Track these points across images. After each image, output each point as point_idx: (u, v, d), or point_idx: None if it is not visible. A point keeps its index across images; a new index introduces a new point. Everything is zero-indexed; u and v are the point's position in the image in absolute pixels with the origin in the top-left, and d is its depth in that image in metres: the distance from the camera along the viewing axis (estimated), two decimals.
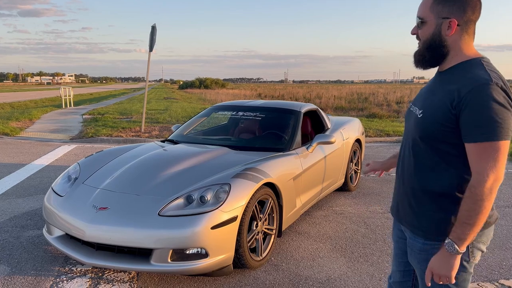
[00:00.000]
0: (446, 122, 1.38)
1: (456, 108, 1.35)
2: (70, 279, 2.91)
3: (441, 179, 1.46)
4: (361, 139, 5.58)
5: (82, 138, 9.63)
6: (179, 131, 4.62)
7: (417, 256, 1.55)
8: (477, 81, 1.32)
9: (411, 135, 1.55)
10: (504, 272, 3.12)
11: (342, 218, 4.32)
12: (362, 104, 21.47)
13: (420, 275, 1.57)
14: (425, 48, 1.47)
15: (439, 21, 1.43)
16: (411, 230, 1.57)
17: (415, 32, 1.51)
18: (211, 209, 2.74)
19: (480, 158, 1.32)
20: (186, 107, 19.44)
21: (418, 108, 1.53)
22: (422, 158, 1.50)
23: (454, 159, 1.43)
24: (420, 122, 1.47)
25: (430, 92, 1.51)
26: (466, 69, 1.40)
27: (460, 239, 1.35)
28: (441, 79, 1.49)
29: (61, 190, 3.26)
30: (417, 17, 1.49)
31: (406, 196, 1.58)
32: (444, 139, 1.41)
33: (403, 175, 1.60)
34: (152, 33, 10.28)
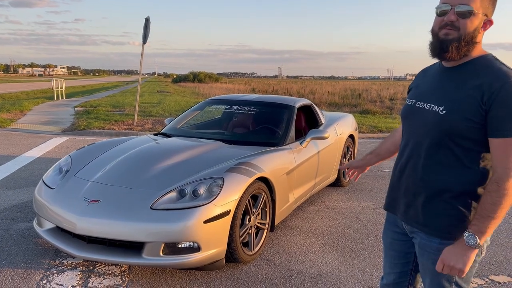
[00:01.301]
0: (474, 117, 1.36)
1: (486, 104, 1.34)
2: (61, 272, 2.89)
3: (461, 177, 1.43)
4: (354, 135, 5.59)
5: (74, 131, 9.55)
6: (172, 125, 4.59)
7: (432, 256, 1.51)
8: (506, 75, 1.33)
9: (426, 134, 1.48)
10: (494, 268, 3.15)
11: (335, 213, 4.33)
12: (356, 100, 21.50)
13: (431, 275, 1.54)
14: (465, 41, 1.39)
15: (483, 17, 1.40)
16: (425, 231, 1.53)
17: (453, 19, 1.39)
18: (204, 203, 2.72)
19: (508, 153, 1.32)
20: (180, 100, 19.35)
21: (436, 105, 1.46)
22: (442, 157, 1.45)
23: (475, 156, 1.41)
24: (444, 119, 1.42)
25: (449, 87, 1.45)
26: (485, 64, 1.41)
27: (481, 232, 1.35)
28: (458, 74, 1.45)
29: (52, 183, 3.23)
30: (465, 5, 1.37)
31: (419, 196, 1.52)
32: (468, 135, 1.39)
33: (414, 175, 1.54)
34: (145, 25, 10.18)
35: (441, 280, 1.51)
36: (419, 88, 1.61)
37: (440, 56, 1.46)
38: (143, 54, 10.71)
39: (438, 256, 1.48)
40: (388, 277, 1.80)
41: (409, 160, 1.57)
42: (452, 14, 1.40)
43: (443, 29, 1.42)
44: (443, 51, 1.42)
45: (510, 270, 3.11)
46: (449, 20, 1.40)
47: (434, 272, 1.51)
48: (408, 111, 1.61)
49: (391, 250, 1.75)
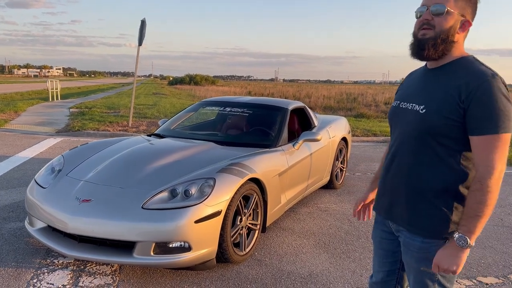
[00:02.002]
0: (453, 116, 1.39)
1: (464, 102, 1.37)
2: (52, 272, 2.89)
3: (443, 176, 1.46)
4: (347, 138, 5.63)
5: (68, 132, 9.53)
6: (166, 126, 4.60)
7: (415, 255, 1.54)
8: (485, 75, 1.36)
9: (409, 133, 1.52)
10: (482, 269, 3.18)
11: (327, 215, 4.36)
12: (351, 104, 21.62)
13: (415, 273, 1.56)
14: (441, 39, 1.44)
15: (459, 17, 1.44)
16: (408, 229, 1.55)
17: (429, 18, 1.45)
18: (195, 203, 2.74)
19: (488, 151, 1.35)
20: (175, 102, 19.35)
21: (417, 104, 1.50)
22: (423, 155, 1.48)
23: (457, 155, 1.44)
24: (424, 118, 1.45)
25: (429, 88, 1.50)
26: (465, 65, 1.44)
27: (471, 232, 1.37)
28: (438, 74, 1.49)
29: (44, 182, 3.23)
30: (440, 5, 1.43)
31: (403, 195, 1.55)
32: (449, 134, 1.42)
33: (399, 174, 1.57)
34: (141, 27, 10.20)
35: (423, 278, 1.54)
36: (404, 90, 1.66)
37: (418, 55, 1.50)
38: (138, 55, 10.72)
39: (421, 254, 1.50)
40: (377, 275, 1.82)
41: (394, 160, 1.61)
42: (427, 14, 1.45)
43: (421, 30, 1.47)
44: (421, 49, 1.47)
45: (497, 272, 3.14)
46: (425, 19, 1.46)
47: (417, 270, 1.54)
48: (393, 112, 1.65)
49: (380, 249, 1.77)
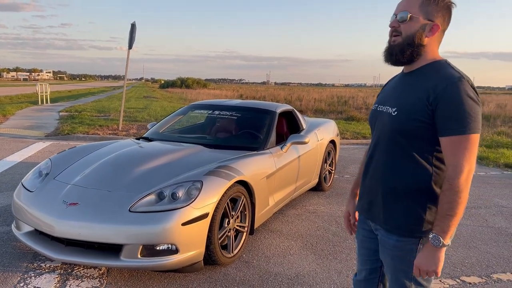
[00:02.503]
0: (422, 117, 1.44)
1: (432, 104, 1.42)
2: (38, 275, 2.89)
3: (418, 175, 1.50)
4: (335, 140, 5.68)
5: (57, 135, 9.48)
6: (155, 129, 4.62)
7: (390, 253, 1.58)
8: (451, 78, 1.41)
9: (384, 134, 1.58)
10: (466, 269, 3.24)
11: (315, 217, 4.40)
12: (342, 107, 21.74)
13: (392, 271, 1.61)
14: (407, 43, 1.50)
15: (425, 21, 1.49)
16: (384, 228, 1.60)
17: (395, 25, 1.53)
18: (182, 206, 2.76)
19: (456, 151, 1.39)
20: (166, 106, 19.31)
21: (390, 107, 1.56)
22: (397, 156, 1.53)
23: (428, 155, 1.48)
24: (396, 119, 1.51)
25: (402, 91, 1.56)
26: (436, 68, 1.49)
27: (444, 232, 1.40)
28: (411, 78, 1.55)
29: (31, 186, 3.23)
30: (404, 12, 1.50)
31: (379, 194, 1.60)
32: (420, 135, 1.47)
33: (376, 174, 1.62)
34: (131, 31, 10.20)
35: (399, 277, 1.58)
36: (383, 94, 1.73)
37: (389, 60, 1.57)
38: (128, 59, 10.71)
39: (395, 252, 1.55)
40: (360, 273, 1.86)
41: (371, 161, 1.67)
42: (395, 21, 1.53)
43: (392, 36, 1.55)
44: (390, 54, 1.55)
45: (481, 272, 3.20)
46: (392, 26, 1.54)
47: (393, 267, 1.59)
48: (372, 115, 1.71)
49: (362, 248, 1.81)
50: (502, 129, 13.32)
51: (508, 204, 5.17)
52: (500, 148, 9.50)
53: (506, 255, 3.55)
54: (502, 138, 11.17)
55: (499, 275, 3.14)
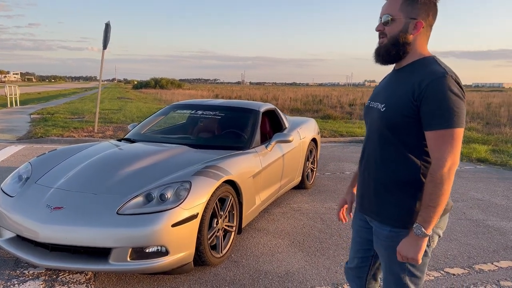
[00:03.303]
0: (408, 113, 1.49)
1: (417, 100, 1.47)
2: (22, 283, 2.79)
3: (407, 168, 1.55)
4: (317, 139, 5.74)
5: (30, 139, 9.18)
6: (136, 130, 4.54)
7: (383, 243, 1.64)
8: (435, 74, 1.46)
9: (375, 129, 1.64)
10: (448, 261, 3.34)
11: (300, 214, 4.43)
12: (317, 106, 21.97)
13: (386, 262, 1.66)
14: (391, 44, 1.56)
15: (407, 20, 1.54)
16: (378, 220, 1.66)
17: (381, 29, 1.60)
18: (171, 207, 2.73)
19: (439, 145, 1.44)
20: (142, 107, 19.03)
21: (379, 103, 1.63)
22: (388, 150, 1.59)
23: (417, 148, 1.53)
24: (384, 115, 1.57)
25: (391, 87, 1.62)
26: (423, 65, 1.54)
27: (426, 222, 1.45)
28: (400, 75, 1.60)
29: (11, 191, 3.12)
30: (386, 15, 1.57)
31: (372, 187, 1.66)
32: (407, 129, 1.52)
33: (368, 168, 1.68)
34: (106, 30, 10.00)
35: (394, 267, 1.63)
36: (375, 90, 1.79)
37: (377, 60, 1.64)
38: (103, 59, 10.50)
39: (388, 242, 1.61)
40: (352, 261, 1.93)
41: (364, 155, 1.74)
42: (380, 25, 1.61)
43: (380, 38, 1.63)
44: (377, 55, 1.62)
45: (463, 263, 3.31)
46: (378, 29, 1.62)
47: (387, 258, 1.65)
48: (365, 111, 1.78)
49: (358, 237, 1.87)
50: (472, 125, 13.78)
51: (483, 197, 5.36)
52: (471, 143, 9.83)
53: (486, 246, 3.68)
54: (473, 134, 11.56)
55: (480, 266, 3.25)
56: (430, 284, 2.93)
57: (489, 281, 2.99)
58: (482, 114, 18.14)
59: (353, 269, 1.92)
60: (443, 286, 2.90)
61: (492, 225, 4.25)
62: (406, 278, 1.62)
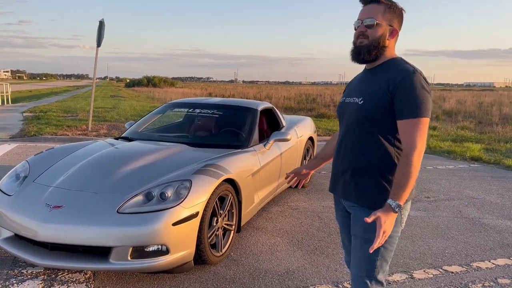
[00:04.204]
0: (384, 104, 1.69)
1: (391, 92, 1.67)
2: (21, 282, 2.77)
3: (382, 155, 1.73)
4: (313, 137, 5.76)
5: (23, 137, 9.09)
6: (134, 128, 4.51)
7: (362, 224, 1.74)
8: (406, 71, 1.67)
9: (353, 121, 1.79)
10: (446, 259, 3.37)
11: (297, 213, 4.44)
12: (311, 105, 22.02)
13: (361, 242, 1.78)
14: (373, 46, 1.73)
15: (387, 27, 1.74)
16: (358, 203, 1.79)
17: (363, 30, 1.74)
18: (172, 206, 2.72)
19: (411, 132, 1.62)
20: (135, 105, 18.93)
21: (356, 97, 1.80)
22: (364, 138, 1.75)
23: (391, 137, 1.72)
24: (362, 107, 1.74)
25: (366, 84, 1.79)
26: (394, 64, 1.75)
27: (401, 199, 1.61)
28: (373, 73, 1.78)
29: (9, 189, 3.08)
30: (371, 18, 1.72)
31: (350, 174, 1.80)
32: (382, 119, 1.70)
33: (348, 157, 1.82)
34: (100, 28, 9.94)
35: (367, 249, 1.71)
36: (348, 88, 1.98)
37: (356, 59, 1.79)
38: (97, 57, 10.42)
39: (367, 224, 1.69)
40: (349, 252, 2.00)
41: (341, 145, 1.87)
42: (362, 27, 1.75)
43: (358, 39, 1.77)
44: (358, 54, 1.77)
45: (461, 261, 3.34)
46: (360, 31, 1.76)
47: (363, 241, 1.76)
48: (340, 107, 1.94)
49: (345, 227, 2.00)
50: (465, 123, 13.91)
51: (478, 195, 5.41)
52: (465, 142, 9.92)
53: (483, 244, 3.72)
54: (466, 133, 11.67)
55: (478, 264, 3.29)
56: (429, 282, 2.95)
57: (486, 279, 3.02)
58: (474, 113, 18.32)
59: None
60: (442, 284, 2.92)
61: (488, 223, 4.29)
62: (378, 262, 1.77)
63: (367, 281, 1.79)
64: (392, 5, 1.74)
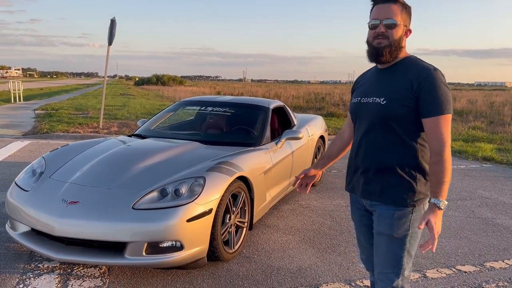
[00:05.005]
0: (408, 103, 1.69)
1: (416, 92, 1.67)
2: (38, 276, 2.82)
3: (405, 153, 1.74)
4: (324, 136, 5.76)
5: (36, 134, 9.20)
6: (146, 126, 4.55)
7: (389, 222, 1.76)
8: (428, 69, 1.69)
9: (374, 121, 1.78)
10: (459, 258, 3.35)
11: (308, 211, 4.45)
12: (320, 104, 21.95)
13: (387, 241, 1.78)
14: (395, 46, 1.73)
15: (404, 27, 1.75)
16: (383, 202, 1.79)
17: (383, 31, 1.72)
18: (186, 202, 2.74)
19: (439, 128, 1.65)
20: (145, 103, 19.05)
21: (377, 97, 1.78)
22: (388, 138, 1.75)
23: (413, 135, 1.73)
24: (385, 107, 1.74)
25: (386, 83, 1.78)
26: (410, 62, 1.76)
27: (442, 195, 1.63)
28: (390, 72, 1.78)
29: (26, 185, 3.13)
30: (391, 19, 1.71)
31: (373, 173, 1.80)
32: (406, 118, 1.71)
33: (367, 155, 1.82)
34: (111, 26, 10.01)
35: (395, 246, 1.76)
36: (362, 88, 1.93)
37: (376, 60, 1.79)
38: (108, 55, 10.50)
39: (394, 221, 1.75)
40: (366, 250, 2.02)
41: (363, 145, 1.85)
42: (381, 27, 1.73)
43: (376, 39, 1.75)
44: (379, 56, 1.75)
45: (474, 260, 3.32)
46: (380, 31, 1.73)
47: (389, 239, 1.77)
48: (356, 107, 1.91)
49: (362, 226, 1.99)
50: (476, 123, 13.77)
51: (491, 195, 5.37)
52: (476, 142, 9.83)
53: (496, 244, 3.69)
54: (477, 133, 11.56)
55: (492, 264, 3.27)
56: (443, 281, 2.94)
57: (500, 279, 3.00)
58: (485, 113, 18.12)
59: (371, 257, 1.98)
60: (456, 283, 2.91)
61: (501, 223, 4.26)
62: (404, 259, 1.78)
63: (394, 278, 1.79)
64: (406, 5, 1.75)
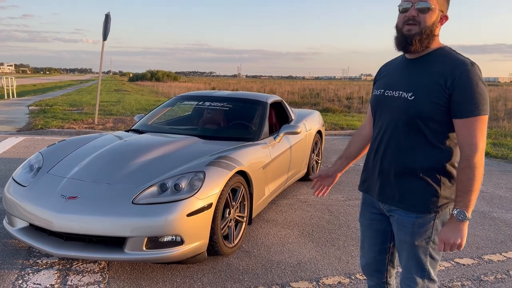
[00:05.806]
0: (439, 101, 1.51)
1: (449, 89, 1.49)
2: (37, 272, 2.80)
3: (431, 155, 1.57)
4: (322, 131, 5.76)
5: (30, 130, 9.12)
6: (144, 121, 4.53)
7: (410, 230, 1.63)
8: (464, 64, 1.49)
9: (397, 118, 1.61)
10: (458, 252, 3.36)
11: (307, 206, 4.45)
12: (315, 99, 21.96)
13: (409, 249, 1.66)
14: (426, 34, 1.54)
15: (439, 13, 1.56)
16: (402, 207, 1.64)
17: (414, 15, 1.54)
18: (186, 197, 2.73)
19: (472, 131, 1.48)
20: (140, 99, 18.95)
21: (403, 91, 1.60)
22: (413, 138, 1.59)
23: (441, 136, 1.56)
24: (413, 104, 1.55)
25: (415, 76, 1.59)
26: (444, 54, 1.57)
27: (467, 206, 1.49)
28: (420, 64, 1.59)
29: (23, 180, 3.10)
30: (425, 2, 1.52)
31: (392, 176, 1.65)
32: (435, 117, 1.53)
33: (389, 157, 1.66)
34: (105, 21, 9.93)
35: (417, 253, 1.64)
36: (385, 79, 1.74)
37: (405, 49, 1.60)
38: (103, 50, 10.43)
39: (415, 229, 1.62)
40: (368, 255, 1.89)
41: (383, 144, 1.69)
42: (413, 10, 1.54)
43: (405, 25, 1.56)
44: (408, 44, 1.56)
45: (472, 253, 3.34)
46: (411, 15, 1.54)
47: (411, 245, 1.64)
48: (378, 100, 1.73)
49: (370, 230, 1.85)
50: None
51: (487, 189, 5.41)
52: None
53: (493, 237, 3.72)
54: None
55: (489, 256, 3.29)
56: (442, 274, 2.96)
57: (499, 271, 3.03)
58: None
59: (371, 264, 1.89)
60: (454, 276, 2.93)
61: (498, 217, 4.29)
62: (428, 263, 1.65)
63: (419, 281, 1.67)
64: None
